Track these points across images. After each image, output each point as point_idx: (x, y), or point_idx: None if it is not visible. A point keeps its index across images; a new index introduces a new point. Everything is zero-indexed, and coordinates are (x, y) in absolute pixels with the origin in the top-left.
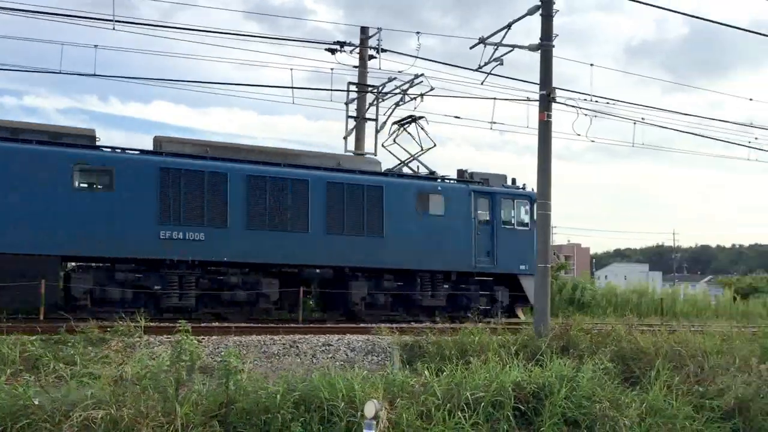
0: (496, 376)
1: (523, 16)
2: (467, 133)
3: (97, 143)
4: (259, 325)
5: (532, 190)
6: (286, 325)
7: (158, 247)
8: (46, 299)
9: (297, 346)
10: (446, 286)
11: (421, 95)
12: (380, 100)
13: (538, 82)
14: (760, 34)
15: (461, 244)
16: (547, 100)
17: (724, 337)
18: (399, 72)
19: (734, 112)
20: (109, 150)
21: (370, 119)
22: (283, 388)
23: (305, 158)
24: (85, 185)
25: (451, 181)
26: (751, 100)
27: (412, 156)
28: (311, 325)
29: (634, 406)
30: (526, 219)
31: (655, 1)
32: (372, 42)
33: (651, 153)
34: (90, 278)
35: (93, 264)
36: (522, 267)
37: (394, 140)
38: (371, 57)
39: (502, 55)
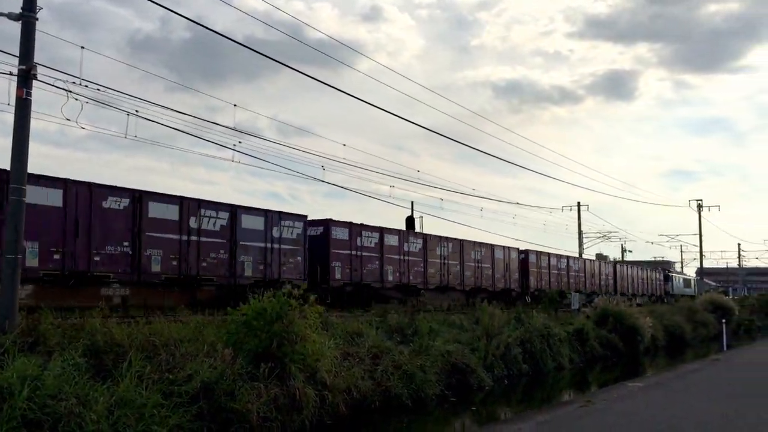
0: None
1: None
2: None
3: None
4: None
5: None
6: None
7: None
8: None
9: None
10: None
11: None
12: None
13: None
14: (252, 49)
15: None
16: (26, 77)
17: (198, 325)
18: None
19: (227, 117)
20: None
21: None
22: None
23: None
24: None
25: None
26: (235, 106)
27: None
28: None
29: (102, 399)
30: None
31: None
32: None
33: (150, 147)
34: None
35: None
36: None
37: None
38: None
39: None
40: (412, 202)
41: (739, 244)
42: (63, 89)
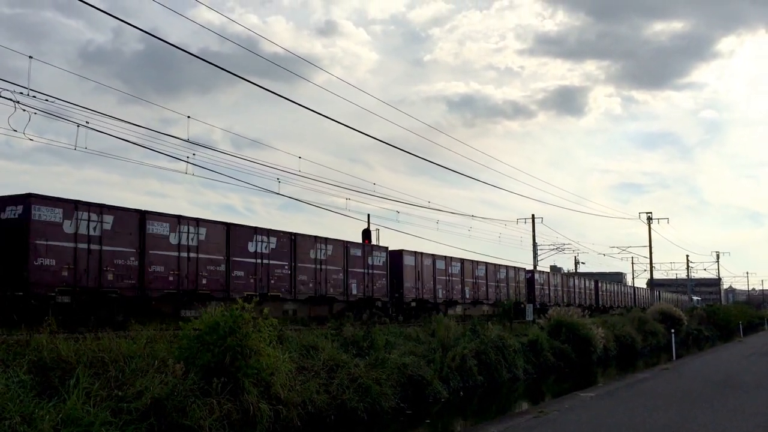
0: None
1: None
2: None
3: None
4: None
5: None
6: None
7: None
8: None
9: None
10: None
11: None
12: None
13: None
14: (206, 61)
15: None
16: None
17: (148, 341)
18: None
19: (180, 130)
20: None
21: None
22: None
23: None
24: None
25: None
26: (189, 117)
27: None
28: None
29: (48, 417)
30: None
31: (113, 12)
32: None
33: (101, 159)
34: None
35: None
36: None
37: None
38: None
39: None
40: (368, 215)
41: (687, 256)
42: (10, 99)
